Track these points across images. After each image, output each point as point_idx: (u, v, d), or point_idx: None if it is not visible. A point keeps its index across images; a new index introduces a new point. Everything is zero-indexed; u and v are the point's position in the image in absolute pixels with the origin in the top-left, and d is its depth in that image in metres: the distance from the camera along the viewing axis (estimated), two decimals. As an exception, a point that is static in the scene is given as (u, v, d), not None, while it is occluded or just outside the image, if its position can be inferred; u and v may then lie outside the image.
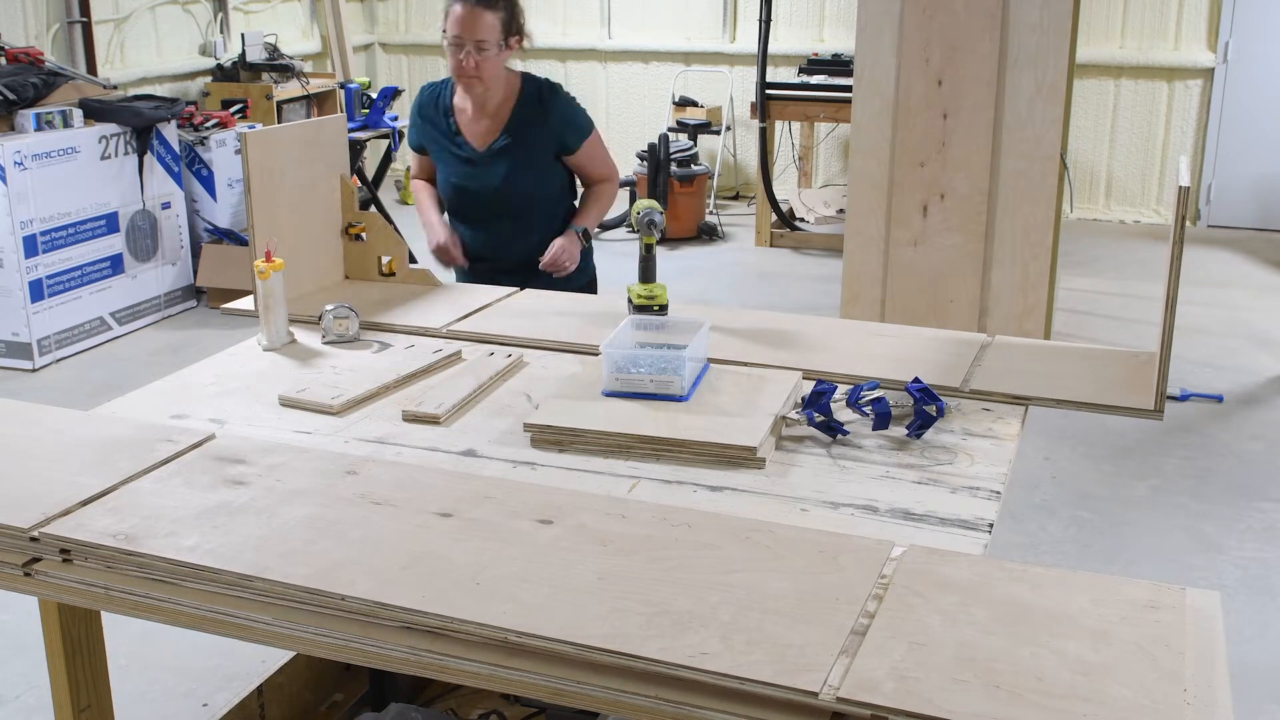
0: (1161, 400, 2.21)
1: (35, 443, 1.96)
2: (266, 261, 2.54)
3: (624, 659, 1.38)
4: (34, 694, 2.91)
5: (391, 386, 2.32)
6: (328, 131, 2.94)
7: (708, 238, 7.44)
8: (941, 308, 4.58)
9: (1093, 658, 1.37)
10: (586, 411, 2.11)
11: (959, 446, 2.06)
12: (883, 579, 1.54)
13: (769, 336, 2.57)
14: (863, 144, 4.60)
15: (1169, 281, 2.10)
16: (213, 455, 1.91)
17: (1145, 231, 7.72)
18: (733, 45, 8.49)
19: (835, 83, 7.08)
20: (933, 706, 1.28)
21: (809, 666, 1.35)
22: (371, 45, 9.25)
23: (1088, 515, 3.86)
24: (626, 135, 8.81)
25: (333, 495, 1.77)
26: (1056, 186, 4.42)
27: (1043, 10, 4.27)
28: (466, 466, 1.98)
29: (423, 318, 2.72)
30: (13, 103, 5.35)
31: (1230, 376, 5.07)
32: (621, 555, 1.59)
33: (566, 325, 2.65)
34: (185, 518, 1.70)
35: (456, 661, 1.45)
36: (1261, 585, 3.43)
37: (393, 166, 7.72)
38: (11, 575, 1.67)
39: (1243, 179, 7.67)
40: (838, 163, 8.42)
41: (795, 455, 2.02)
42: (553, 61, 8.93)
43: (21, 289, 5.16)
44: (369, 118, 6.69)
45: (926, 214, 4.54)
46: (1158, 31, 7.68)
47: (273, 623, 1.53)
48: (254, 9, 7.91)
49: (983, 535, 1.75)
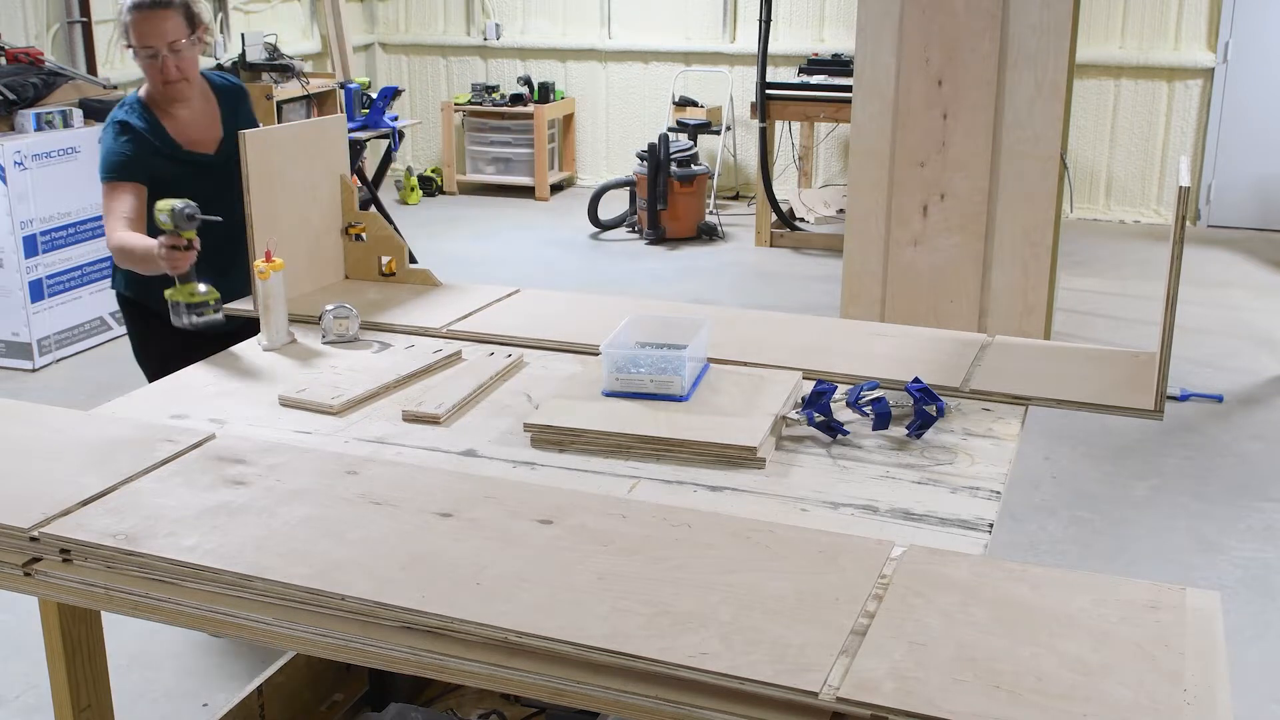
0: (1161, 400, 2.21)
1: (35, 443, 1.96)
2: (266, 262, 2.54)
3: (624, 659, 1.38)
4: (34, 694, 2.91)
5: (391, 386, 2.32)
6: (328, 131, 2.94)
7: (708, 238, 7.44)
8: (941, 308, 4.58)
9: (1093, 658, 1.37)
10: (586, 411, 2.11)
11: (959, 446, 2.06)
12: (883, 579, 1.54)
13: (769, 336, 2.57)
14: (863, 144, 4.60)
15: (1169, 281, 2.10)
16: (213, 455, 1.91)
17: (1145, 231, 7.72)
18: (733, 45, 8.49)
19: (835, 83, 7.08)
20: (933, 706, 1.28)
21: (809, 666, 1.35)
22: (371, 45, 9.24)
23: (1088, 515, 3.86)
24: (626, 135, 8.81)
25: (333, 495, 1.77)
26: (1056, 186, 4.42)
27: (1043, 10, 4.26)
28: (466, 466, 1.98)
29: (423, 318, 2.72)
30: (13, 103, 5.35)
31: (1230, 376, 5.07)
32: (621, 555, 1.59)
33: (566, 325, 2.65)
34: (185, 518, 1.70)
35: (456, 661, 1.45)
36: (1261, 585, 3.43)
37: (393, 166, 7.73)
38: (11, 575, 1.67)
39: (1243, 179, 7.67)
40: (838, 163, 8.42)
41: (795, 455, 2.02)
42: (553, 61, 8.93)
43: (21, 289, 5.16)
44: (369, 118, 6.68)
45: (926, 214, 4.54)
46: (1158, 31, 7.68)
47: (273, 623, 1.53)
48: (254, 9, 7.91)
49: (983, 535, 1.75)
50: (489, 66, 9.09)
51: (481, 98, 8.61)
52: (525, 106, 8.51)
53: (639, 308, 2.75)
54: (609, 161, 8.94)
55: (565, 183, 8.94)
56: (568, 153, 8.99)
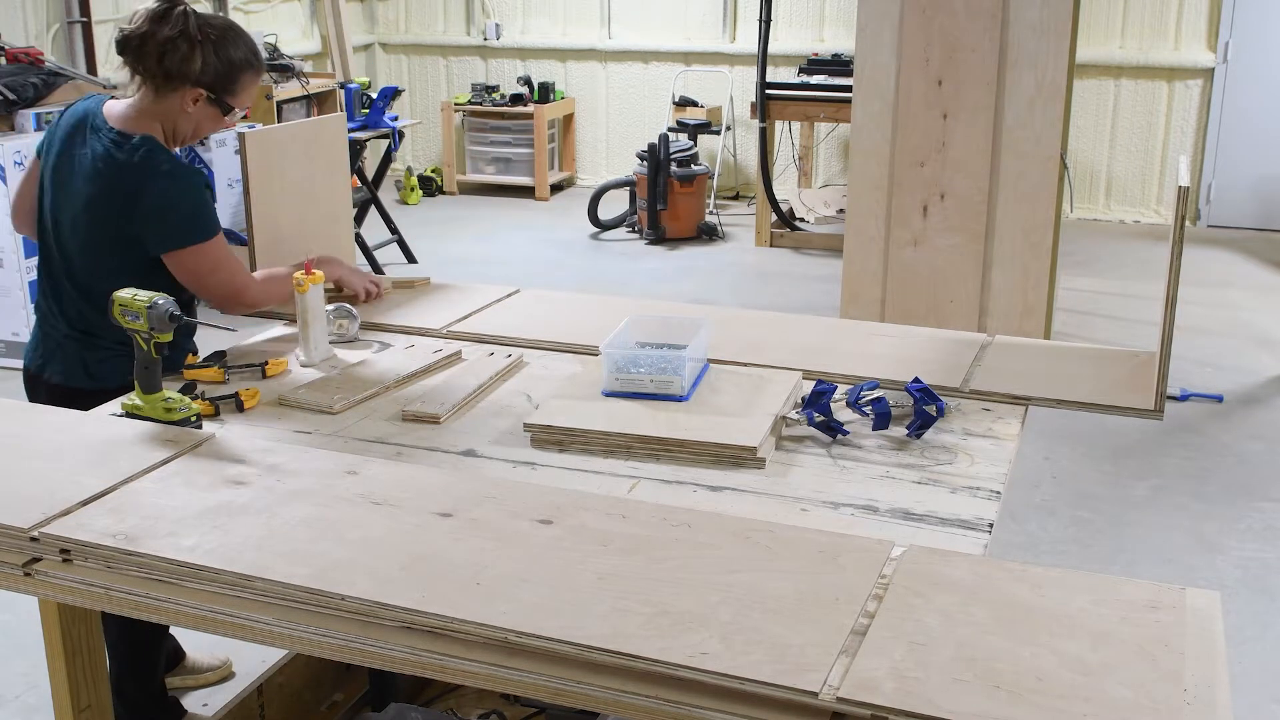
0: (1161, 400, 2.21)
1: (35, 443, 1.96)
2: (306, 274, 2.41)
3: (624, 659, 1.38)
4: (34, 694, 2.91)
5: (391, 386, 2.32)
6: (327, 131, 2.94)
7: (708, 238, 7.44)
8: (941, 308, 4.58)
9: (1093, 658, 1.37)
10: (586, 411, 2.11)
11: (959, 446, 2.06)
12: (883, 579, 1.54)
13: (769, 336, 2.57)
14: (863, 144, 4.60)
15: (1169, 281, 2.10)
16: (213, 455, 1.91)
17: (1145, 231, 7.72)
18: (733, 45, 8.49)
19: (835, 83, 7.08)
20: (933, 706, 1.28)
21: (809, 666, 1.35)
22: (371, 45, 9.25)
23: (1088, 515, 3.86)
24: (626, 135, 8.81)
25: (333, 495, 1.77)
26: (1056, 186, 4.42)
27: (1043, 10, 4.27)
28: (466, 466, 1.98)
29: (423, 318, 2.72)
30: (13, 103, 5.35)
31: (1230, 376, 5.07)
32: (621, 555, 1.59)
33: (566, 325, 2.65)
34: (185, 518, 1.70)
35: (456, 661, 1.45)
36: (1261, 585, 3.43)
37: (393, 166, 7.73)
38: (11, 575, 1.67)
39: (1243, 179, 7.67)
40: (838, 163, 8.42)
41: (795, 455, 2.02)
42: (553, 61, 8.93)
43: (21, 289, 5.16)
44: (369, 118, 6.69)
45: (926, 214, 4.54)
46: (1158, 31, 7.68)
47: (273, 623, 1.53)
48: (254, 9, 7.91)
49: (983, 535, 1.75)
50: (489, 66, 9.09)
51: (481, 98, 8.62)
52: (525, 106, 8.51)
53: (639, 308, 2.75)
54: (609, 161, 8.94)
55: (565, 183, 8.94)
56: (568, 153, 8.99)
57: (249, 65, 2.44)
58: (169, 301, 2.04)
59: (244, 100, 2.47)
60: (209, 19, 2.42)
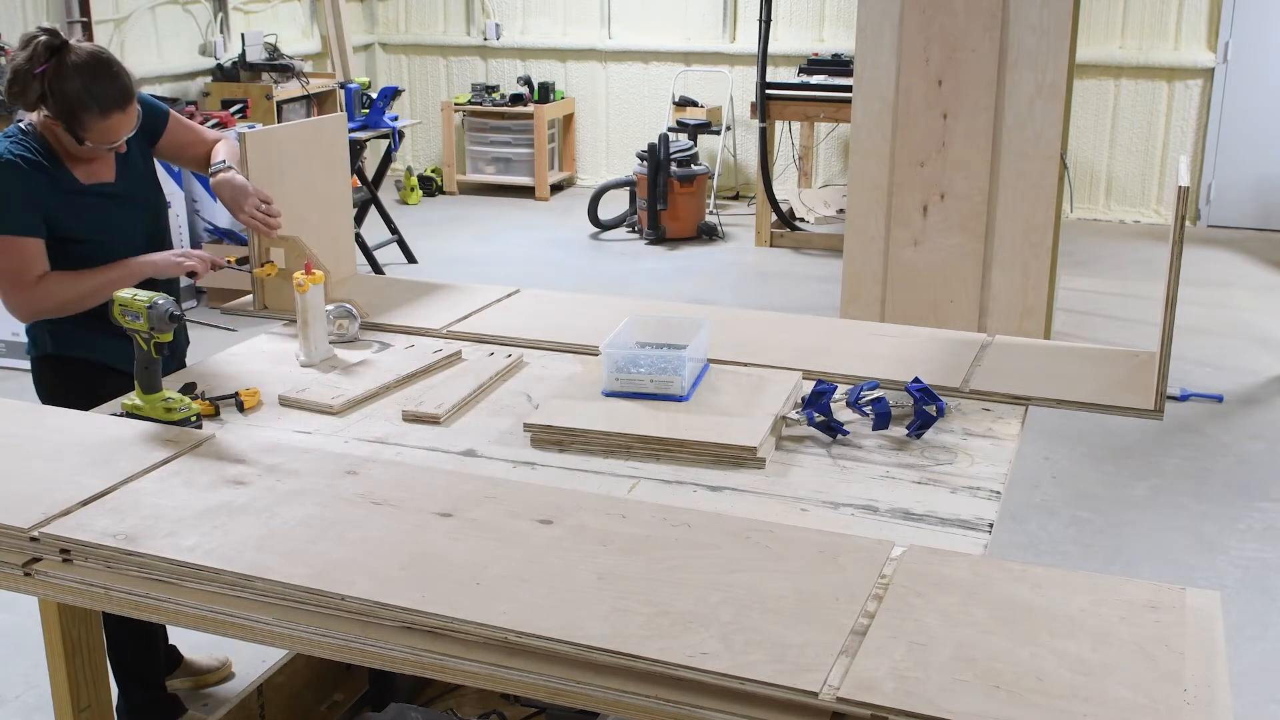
0: (1161, 400, 2.21)
1: (35, 443, 1.96)
2: (306, 274, 2.42)
3: (624, 659, 1.38)
4: (34, 694, 2.91)
5: (391, 386, 2.32)
6: (328, 131, 2.94)
7: (708, 238, 7.44)
8: (941, 308, 4.58)
9: (1093, 658, 1.37)
10: (586, 411, 2.11)
11: (959, 446, 2.06)
12: (883, 579, 1.54)
13: (769, 336, 2.57)
14: (863, 144, 4.60)
15: (1169, 281, 2.10)
16: (213, 455, 1.91)
17: (1145, 231, 7.71)
18: (733, 45, 8.49)
19: (835, 83, 7.08)
20: (933, 706, 1.28)
21: (809, 666, 1.35)
22: (371, 45, 9.24)
23: (1088, 515, 3.86)
24: (626, 135, 8.81)
25: (332, 495, 1.77)
26: (1056, 186, 4.42)
27: (1043, 10, 4.27)
28: (466, 466, 1.98)
29: (423, 318, 2.72)
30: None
31: (1230, 376, 5.07)
32: (621, 555, 1.59)
33: (566, 325, 2.65)
34: (185, 518, 1.70)
35: (456, 661, 1.45)
36: (1261, 585, 3.43)
37: (393, 166, 7.73)
38: (11, 575, 1.67)
39: (1243, 179, 7.67)
40: (838, 163, 8.41)
41: (795, 455, 2.02)
42: (553, 62, 8.93)
43: (21, 289, 5.15)
44: (369, 118, 6.69)
45: (926, 214, 4.54)
46: (1158, 31, 7.68)
47: (273, 623, 1.53)
48: (254, 9, 7.91)
49: (983, 535, 1.75)
50: (489, 66, 9.09)
51: (481, 98, 8.61)
52: (525, 106, 8.51)
53: (639, 308, 2.75)
54: (609, 161, 8.94)
55: (565, 183, 8.94)
56: (568, 153, 8.99)
57: (84, 106, 2.31)
58: (169, 301, 2.05)
59: (96, 138, 2.35)
60: (76, 53, 2.33)
